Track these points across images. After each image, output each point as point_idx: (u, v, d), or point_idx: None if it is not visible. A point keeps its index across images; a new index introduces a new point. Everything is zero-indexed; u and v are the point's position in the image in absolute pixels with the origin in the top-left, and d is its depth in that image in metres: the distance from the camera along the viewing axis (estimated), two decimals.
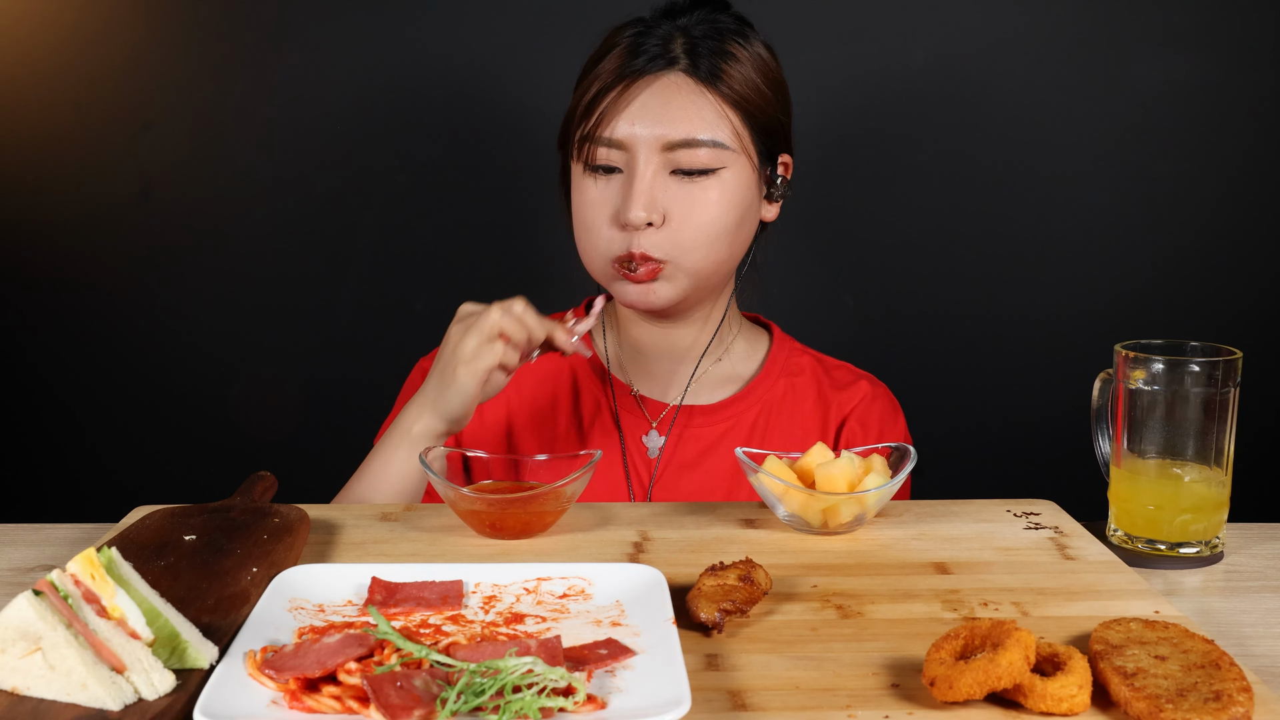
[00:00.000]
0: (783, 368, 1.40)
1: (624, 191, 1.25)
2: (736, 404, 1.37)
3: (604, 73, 1.27)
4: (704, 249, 1.26)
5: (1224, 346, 1.05)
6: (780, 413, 1.37)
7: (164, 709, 0.72)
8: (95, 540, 1.06)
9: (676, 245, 1.25)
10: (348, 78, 1.96)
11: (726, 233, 1.28)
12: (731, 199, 1.27)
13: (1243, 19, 1.94)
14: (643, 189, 1.24)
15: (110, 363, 2.03)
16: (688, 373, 1.39)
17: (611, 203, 1.26)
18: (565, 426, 1.36)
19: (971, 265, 2.01)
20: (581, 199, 1.29)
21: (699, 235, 1.26)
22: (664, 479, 1.34)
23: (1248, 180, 1.99)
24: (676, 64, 1.26)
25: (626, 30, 1.29)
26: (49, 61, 1.95)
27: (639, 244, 1.25)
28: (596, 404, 1.37)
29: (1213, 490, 1.06)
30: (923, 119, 1.98)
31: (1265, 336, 1.99)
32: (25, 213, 1.99)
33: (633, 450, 1.35)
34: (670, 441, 1.35)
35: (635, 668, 0.78)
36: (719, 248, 1.28)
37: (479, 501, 1.05)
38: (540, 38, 1.94)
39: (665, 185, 1.25)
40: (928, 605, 0.92)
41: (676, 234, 1.25)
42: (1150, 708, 0.72)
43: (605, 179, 1.27)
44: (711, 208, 1.25)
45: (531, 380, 1.39)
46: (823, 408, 1.38)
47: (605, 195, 1.27)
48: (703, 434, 1.36)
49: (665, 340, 1.37)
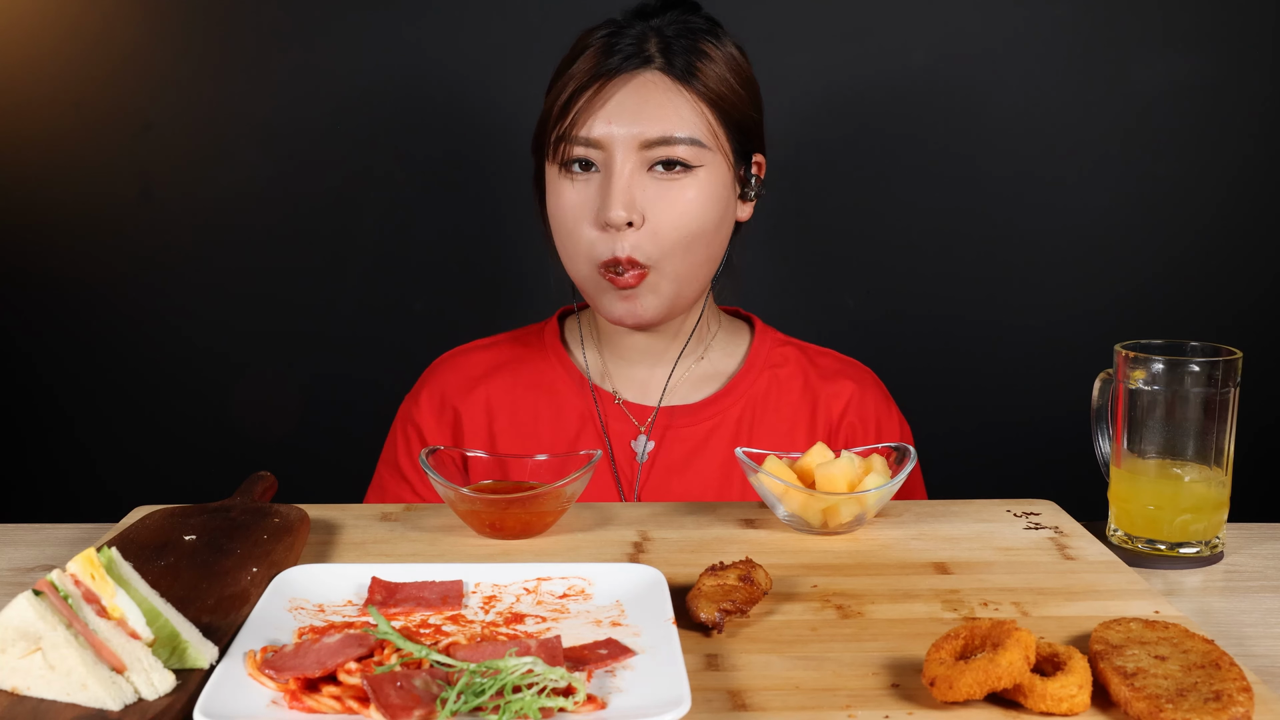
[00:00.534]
0: (765, 361, 1.40)
1: (602, 191, 1.24)
2: (719, 401, 1.37)
3: (579, 73, 1.26)
4: (684, 249, 1.26)
5: (1224, 346, 1.05)
6: (765, 407, 1.37)
7: (164, 709, 0.72)
8: (95, 540, 1.06)
9: (657, 246, 1.25)
10: (348, 78, 1.96)
11: (705, 232, 1.27)
12: (710, 197, 1.26)
13: (1243, 19, 1.94)
14: (621, 187, 1.23)
15: (110, 362, 2.03)
16: (674, 373, 1.38)
17: (589, 204, 1.26)
18: (550, 440, 1.36)
19: (972, 266, 2.01)
20: (558, 202, 1.28)
21: (679, 234, 1.25)
22: (650, 482, 1.34)
23: (1248, 181, 1.99)
24: (652, 63, 1.26)
25: (599, 31, 1.29)
26: (49, 61, 1.95)
27: (623, 248, 1.24)
28: (581, 416, 1.36)
29: (1213, 490, 1.06)
30: (923, 120, 1.98)
31: (1265, 336, 1.99)
32: (25, 213, 1.99)
33: (620, 457, 1.35)
34: (655, 444, 1.35)
35: (635, 668, 0.78)
36: (698, 248, 1.27)
37: (479, 501, 1.05)
38: (540, 38, 1.93)
39: (643, 184, 1.25)
40: (928, 605, 0.92)
41: (656, 233, 1.24)
42: (1150, 708, 0.72)
43: (582, 181, 1.26)
44: (691, 206, 1.25)
45: (514, 397, 1.38)
46: (810, 399, 1.38)
47: (582, 197, 1.26)
48: (687, 434, 1.35)
49: (645, 344, 1.37)
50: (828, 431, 1.37)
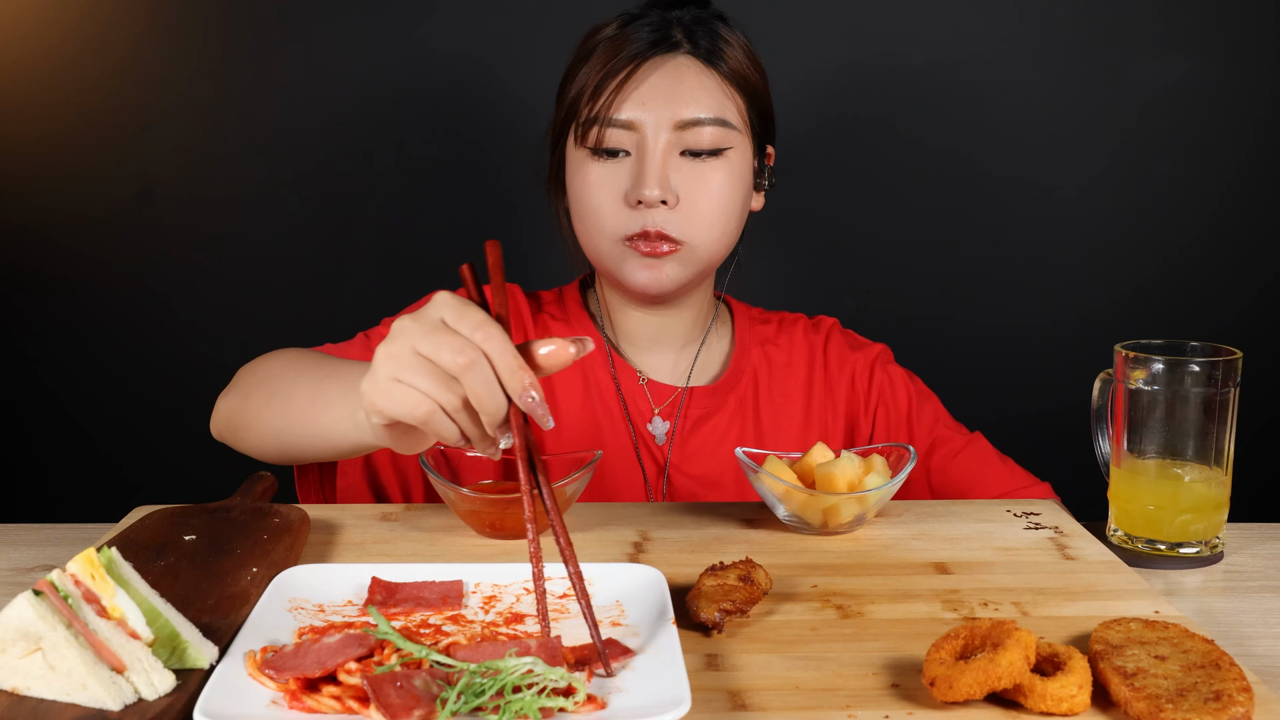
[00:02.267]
0: (753, 336, 1.42)
1: (636, 171, 1.25)
2: (731, 379, 1.38)
3: (608, 56, 1.27)
4: (716, 230, 1.27)
5: (1224, 346, 1.05)
6: (771, 377, 1.39)
7: (164, 709, 0.72)
8: (95, 540, 1.06)
9: (691, 225, 1.26)
10: (348, 78, 1.96)
11: (734, 214, 1.29)
12: (737, 180, 1.28)
13: (1243, 20, 1.94)
14: (656, 166, 1.24)
15: (110, 362, 2.03)
16: (685, 358, 1.39)
17: (618, 185, 1.26)
18: (577, 411, 1.35)
19: (971, 266, 2.01)
20: (585, 181, 1.28)
21: (710, 215, 1.26)
22: (676, 463, 1.34)
23: (1248, 181, 1.99)
24: (680, 47, 1.27)
25: (617, 21, 1.30)
26: (49, 62, 1.95)
27: (654, 222, 1.25)
28: (602, 392, 1.36)
29: (1213, 490, 1.06)
30: (924, 120, 1.98)
31: (1265, 336, 1.99)
32: (25, 213, 1.99)
33: (642, 437, 1.35)
34: (680, 425, 1.35)
35: (635, 668, 0.78)
36: (728, 229, 1.29)
37: (479, 501, 1.05)
38: (541, 38, 1.94)
39: (675, 166, 1.26)
40: (928, 605, 0.92)
41: (688, 214, 1.25)
42: (1150, 708, 0.72)
43: (611, 163, 1.27)
44: (721, 188, 1.26)
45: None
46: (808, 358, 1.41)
47: (610, 179, 1.26)
48: (707, 415, 1.36)
49: (662, 328, 1.37)
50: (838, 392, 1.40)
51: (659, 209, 1.24)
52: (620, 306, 1.37)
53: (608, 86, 1.25)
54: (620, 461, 1.33)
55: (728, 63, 1.27)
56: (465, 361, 0.80)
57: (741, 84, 1.28)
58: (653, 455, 1.34)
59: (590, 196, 1.27)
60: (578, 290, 1.42)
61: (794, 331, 1.43)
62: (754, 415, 1.37)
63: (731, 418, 1.36)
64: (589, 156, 1.27)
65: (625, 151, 1.26)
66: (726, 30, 1.30)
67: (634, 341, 1.38)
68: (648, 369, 1.38)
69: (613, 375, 1.36)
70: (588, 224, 1.29)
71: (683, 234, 1.25)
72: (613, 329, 1.39)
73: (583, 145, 1.27)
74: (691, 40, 1.27)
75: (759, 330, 1.43)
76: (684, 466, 1.34)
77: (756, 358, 1.40)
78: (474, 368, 0.80)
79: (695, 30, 1.28)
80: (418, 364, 0.82)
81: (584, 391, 1.35)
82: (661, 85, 1.25)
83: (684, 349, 1.39)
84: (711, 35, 1.28)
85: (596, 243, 1.29)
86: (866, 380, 1.40)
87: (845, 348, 1.42)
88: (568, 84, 1.30)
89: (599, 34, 1.30)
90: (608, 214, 1.26)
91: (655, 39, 1.27)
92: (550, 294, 1.43)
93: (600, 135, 1.26)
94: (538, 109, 1.33)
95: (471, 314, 0.82)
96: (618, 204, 1.26)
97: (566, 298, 1.41)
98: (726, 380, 1.38)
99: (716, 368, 1.40)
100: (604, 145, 1.26)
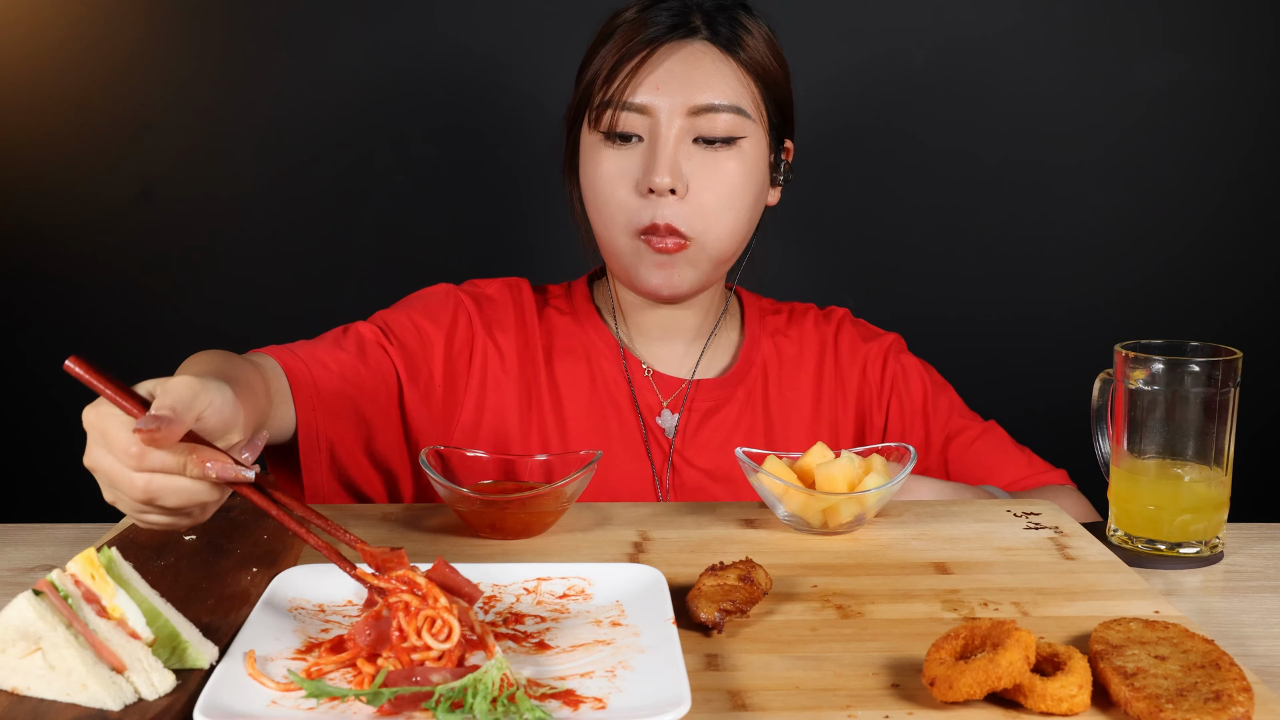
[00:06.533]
0: (762, 326, 1.41)
1: (647, 157, 1.25)
2: (740, 372, 1.38)
3: (625, 39, 1.26)
4: (726, 224, 1.26)
5: (1224, 346, 1.05)
6: (781, 369, 1.39)
7: (164, 709, 0.72)
8: (95, 540, 1.06)
9: (700, 217, 1.25)
10: (348, 78, 1.96)
11: (745, 207, 1.28)
12: (750, 171, 1.27)
13: (1243, 19, 1.94)
14: (666, 153, 1.24)
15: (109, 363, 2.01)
16: (694, 350, 1.38)
17: (630, 172, 1.26)
18: (585, 406, 1.35)
19: (972, 265, 2.01)
20: (598, 170, 1.27)
21: (720, 207, 1.26)
22: (683, 455, 1.34)
23: (1248, 180, 1.99)
24: (698, 33, 1.27)
25: (638, 4, 1.30)
26: (49, 62, 1.95)
27: (663, 215, 1.24)
28: (610, 386, 1.36)
29: (1213, 490, 1.06)
30: (924, 118, 1.98)
31: (1265, 336, 1.99)
32: (25, 213, 1.99)
33: (651, 431, 1.34)
34: (687, 418, 1.35)
35: (635, 668, 0.78)
36: (738, 223, 1.28)
37: (479, 501, 1.05)
38: (542, 37, 1.94)
39: (688, 153, 1.25)
40: (928, 605, 0.92)
41: (697, 205, 1.25)
42: (1150, 708, 0.72)
43: (624, 149, 1.26)
44: (733, 178, 1.26)
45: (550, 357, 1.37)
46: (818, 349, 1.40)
47: (623, 166, 1.26)
48: (716, 407, 1.36)
49: (672, 321, 1.37)
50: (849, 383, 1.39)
51: (668, 199, 1.24)
52: (631, 301, 1.37)
53: (623, 69, 1.25)
54: (629, 455, 1.33)
55: (747, 51, 1.27)
56: (141, 490, 0.84)
57: (760, 73, 1.27)
58: (662, 449, 1.34)
59: (604, 184, 1.27)
60: (586, 285, 1.42)
61: (804, 322, 1.42)
62: (763, 407, 1.36)
63: (741, 410, 1.36)
64: (602, 141, 1.27)
65: (638, 137, 1.26)
66: (748, 19, 1.29)
67: (644, 333, 1.38)
68: (657, 362, 1.38)
69: (623, 369, 1.36)
70: (602, 214, 1.29)
71: (691, 229, 1.25)
72: (623, 322, 1.39)
73: (596, 129, 1.27)
74: (711, 27, 1.27)
75: (769, 321, 1.42)
76: (693, 459, 1.34)
77: (766, 349, 1.39)
78: (151, 489, 0.84)
79: (716, 17, 1.28)
80: (104, 482, 0.88)
81: (592, 386, 1.35)
82: (677, 70, 1.25)
83: (694, 342, 1.39)
84: (732, 23, 1.28)
85: (611, 235, 1.29)
86: (879, 371, 1.39)
87: (857, 338, 1.41)
88: (585, 67, 1.30)
89: (619, 17, 1.29)
90: (620, 204, 1.26)
91: (674, 23, 1.26)
92: (559, 288, 1.42)
93: (614, 119, 1.25)
94: (538, 107, 1.34)
95: (116, 439, 0.87)
96: (629, 194, 1.25)
97: (574, 293, 1.41)
98: (735, 372, 1.37)
99: (726, 359, 1.40)
100: (617, 129, 1.25)
